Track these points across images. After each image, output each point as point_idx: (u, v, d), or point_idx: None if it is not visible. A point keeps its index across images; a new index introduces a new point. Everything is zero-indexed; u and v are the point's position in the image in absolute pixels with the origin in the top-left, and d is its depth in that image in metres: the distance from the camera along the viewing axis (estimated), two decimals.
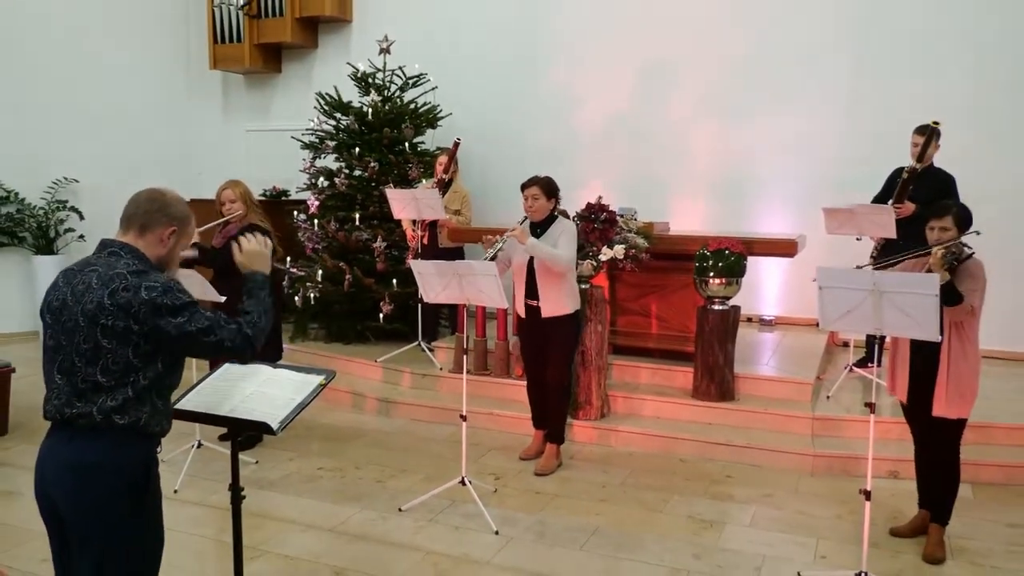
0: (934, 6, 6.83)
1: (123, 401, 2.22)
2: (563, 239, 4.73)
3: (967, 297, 3.56)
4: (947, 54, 6.80)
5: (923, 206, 5.32)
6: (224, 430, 4.84)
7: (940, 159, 5.69)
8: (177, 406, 2.57)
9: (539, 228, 4.80)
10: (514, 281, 4.92)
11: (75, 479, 2.23)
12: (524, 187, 4.81)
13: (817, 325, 3.62)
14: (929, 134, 5.46)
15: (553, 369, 4.87)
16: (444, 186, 6.78)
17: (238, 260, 2.61)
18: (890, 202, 5.58)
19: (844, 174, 6.89)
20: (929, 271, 3.56)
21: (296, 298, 7.11)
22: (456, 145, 6.74)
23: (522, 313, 4.90)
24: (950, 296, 3.52)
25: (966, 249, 3.71)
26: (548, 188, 4.78)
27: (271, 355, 5.30)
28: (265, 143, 9.54)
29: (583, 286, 5.31)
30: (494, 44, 8.30)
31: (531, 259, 4.73)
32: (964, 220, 3.69)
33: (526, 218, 4.82)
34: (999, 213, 6.15)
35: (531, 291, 4.81)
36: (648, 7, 7.73)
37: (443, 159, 6.81)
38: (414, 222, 6.53)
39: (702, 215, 7.58)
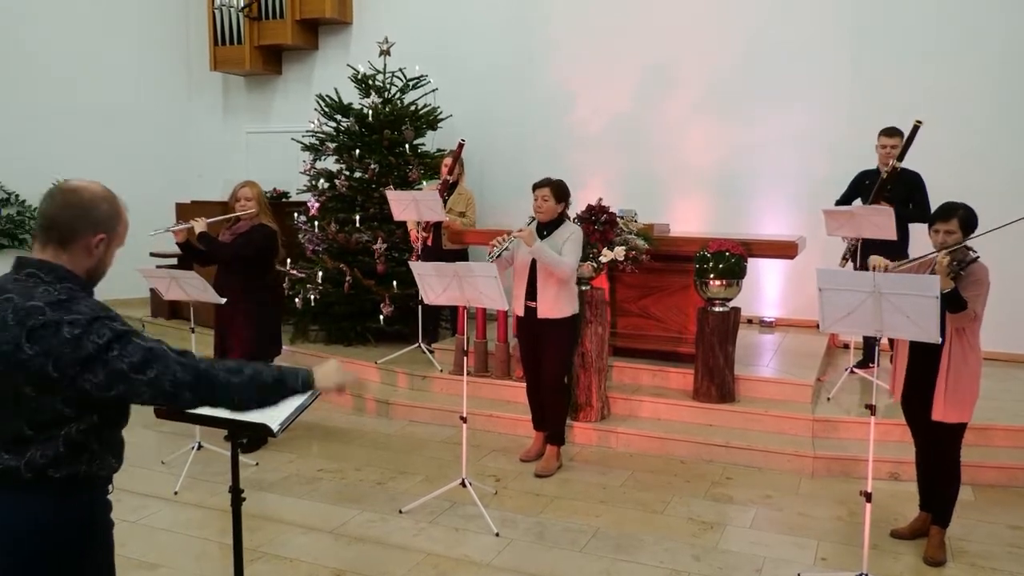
0: (934, 3, 6.84)
1: (55, 455, 1.88)
2: (568, 245, 4.71)
3: (970, 303, 3.53)
4: (946, 51, 6.79)
5: (898, 206, 5.47)
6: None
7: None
8: None
9: (545, 229, 4.79)
10: (514, 281, 4.91)
11: (7, 541, 1.90)
12: (535, 187, 4.80)
13: (817, 327, 3.62)
14: (912, 132, 5.49)
15: (547, 371, 4.87)
16: (449, 188, 6.78)
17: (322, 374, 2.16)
18: (856, 202, 5.72)
19: (845, 174, 6.88)
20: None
21: (296, 300, 7.12)
22: (461, 146, 6.74)
23: (521, 313, 4.90)
24: (954, 303, 3.50)
25: (970, 253, 3.66)
26: (559, 191, 4.77)
27: (271, 351, 5.31)
28: (265, 145, 9.55)
29: (583, 288, 5.31)
30: (494, 45, 8.30)
31: (533, 260, 4.73)
32: (970, 223, 3.64)
33: (533, 219, 4.81)
34: (998, 211, 6.13)
35: (531, 292, 4.81)
36: (646, 7, 7.73)
37: (448, 161, 6.81)
38: (418, 223, 6.52)
39: (702, 216, 7.59)
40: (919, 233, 4.82)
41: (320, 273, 7.02)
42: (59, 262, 1.94)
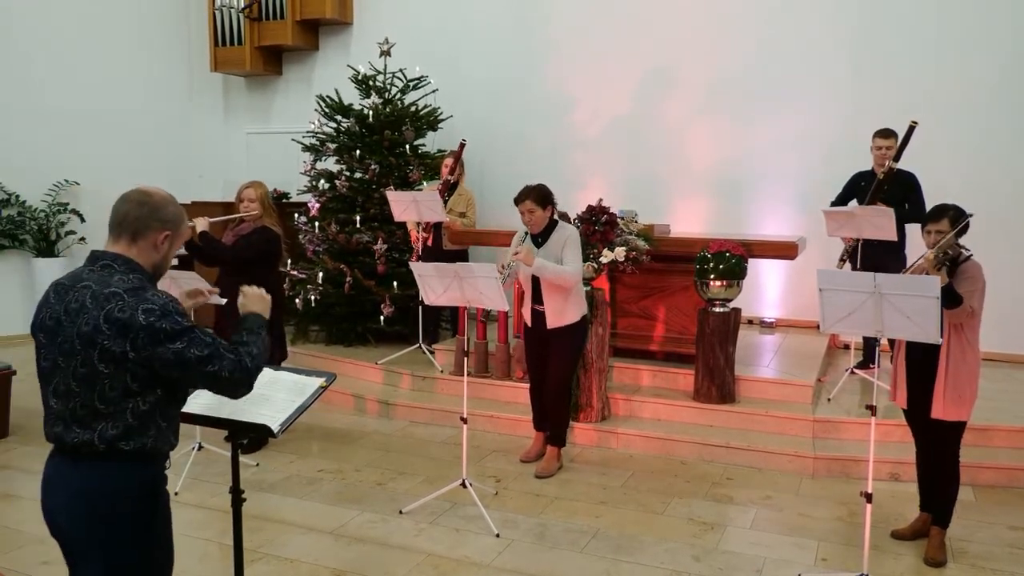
0: (934, 5, 6.84)
1: (125, 428, 2.13)
2: (568, 251, 4.65)
3: (966, 299, 3.56)
4: (946, 51, 6.80)
5: (895, 206, 5.47)
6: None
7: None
8: None
9: (540, 237, 4.75)
10: (521, 286, 4.89)
11: (81, 506, 2.15)
12: (517, 201, 4.67)
13: (818, 327, 3.62)
14: (908, 132, 5.50)
15: (553, 374, 4.86)
16: (449, 188, 6.78)
17: (239, 303, 2.62)
18: (852, 203, 5.72)
19: (845, 175, 6.89)
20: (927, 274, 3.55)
21: (297, 301, 7.12)
22: (462, 146, 6.73)
23: (528, 318, 4.88)
24: (949, 298, 3.52)
25: (963, 251, 3.69)
26: (541, 198, 4.64)
27: (276, 355, 5.31)
28: (266, 145, 9.55)
29: (584, 288, 5.30)
30: (494, 45, 8.31)
31: None
32: (960, 222, 3.68)
33: (527, 234, 4.75)
34: (997, 212, 6.15)
35: (537, 297, 4.78)
36: (647, 8, 7.73)
37: (449, 161, 6.80)
38: (418, 224, 6.52)
39: (703, 217, 7.59)
40: (917, 234, 4.83)
41: (320, 274, 7.02)
42: (129, 255, 2.21)
